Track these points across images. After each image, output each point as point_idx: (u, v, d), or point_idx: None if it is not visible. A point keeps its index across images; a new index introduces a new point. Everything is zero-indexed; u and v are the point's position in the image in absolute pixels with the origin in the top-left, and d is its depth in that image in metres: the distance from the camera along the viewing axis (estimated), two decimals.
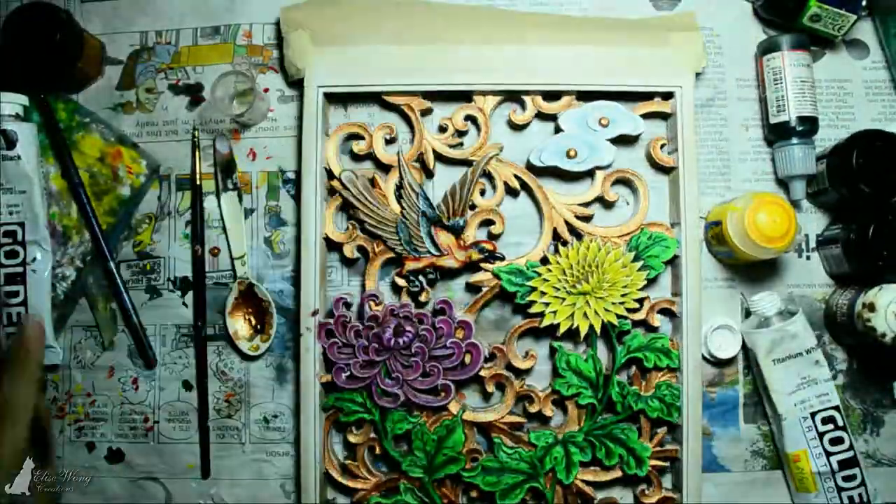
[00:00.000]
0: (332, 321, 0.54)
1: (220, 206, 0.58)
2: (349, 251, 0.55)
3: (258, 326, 0.57)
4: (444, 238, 0.54)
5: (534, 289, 0.53)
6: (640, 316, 0.54)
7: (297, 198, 0.57)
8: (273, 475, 0.58)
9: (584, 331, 0.53)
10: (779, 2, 0.56)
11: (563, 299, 0.53)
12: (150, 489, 0.58)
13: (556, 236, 0.55)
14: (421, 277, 0.54)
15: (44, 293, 0.56)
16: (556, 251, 0.54)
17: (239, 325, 0.57)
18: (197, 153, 0.58)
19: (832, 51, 0.59)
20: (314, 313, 0.54)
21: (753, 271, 0.57)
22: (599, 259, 0.53)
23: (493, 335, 0.56)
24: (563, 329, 0.53)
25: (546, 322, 0.53)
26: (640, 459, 0.53)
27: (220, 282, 0.58)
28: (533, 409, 0.54)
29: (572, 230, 0.55)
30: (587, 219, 0.55)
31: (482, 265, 0.54)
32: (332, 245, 0.56)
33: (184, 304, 0.58)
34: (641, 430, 0.54)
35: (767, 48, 0.56)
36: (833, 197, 0.55)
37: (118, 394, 0.58)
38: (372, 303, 0.54)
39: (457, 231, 0.54)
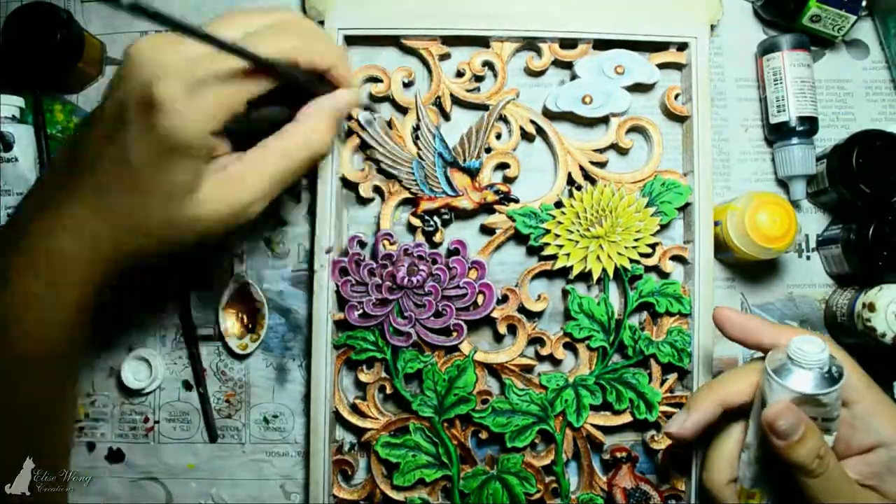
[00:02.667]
0: (345, 259, 0.54)
1: None
2: (365, 190, 0.55)
3: (249, 326, 0.58)
4: (460, 179, 0.54)
5: (548, 231, 0.54)
6: (652, 262, 0.54)
7: (296, 197, 0.58)
8: (273, 475, 0.58)
9: (596, 274, 0.54)
10: (779, 2, 0.56)
11: (577, 242, 0.54)
12: (150, 489, 0.58)
13: (571, 181, 0.55)
14: (436, 218, 0.55)
15: None
16: (571, 195, 0.54)
17: (230, 323, 0.58)
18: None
19: (832, 51, 0.59)
20: (328, 251, 0.54)
21: (754, 271, 0.58)
22: (613, 204, 0.54)
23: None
24: (575, 272, 0.54)
25: (559, 264, 0.54)
26: (651, 404, 0.53)
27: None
28: (544, 351, 0.54)
29: (587, 176, 0.55)
30: (601, 165, 0.55)
31: (496, 207, 0.55)
32: (347, 184, 0.56)
33: None
34: (652, 376, 0.54)
35: (767, 48, 0.57)
36: (833, 197, 0.55)
37: (118, 394, 0.58)
38: (386, 242, 0.54)
39: (472, 173, 0.54)
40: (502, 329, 0.54)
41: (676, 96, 0.56)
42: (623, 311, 0.55)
